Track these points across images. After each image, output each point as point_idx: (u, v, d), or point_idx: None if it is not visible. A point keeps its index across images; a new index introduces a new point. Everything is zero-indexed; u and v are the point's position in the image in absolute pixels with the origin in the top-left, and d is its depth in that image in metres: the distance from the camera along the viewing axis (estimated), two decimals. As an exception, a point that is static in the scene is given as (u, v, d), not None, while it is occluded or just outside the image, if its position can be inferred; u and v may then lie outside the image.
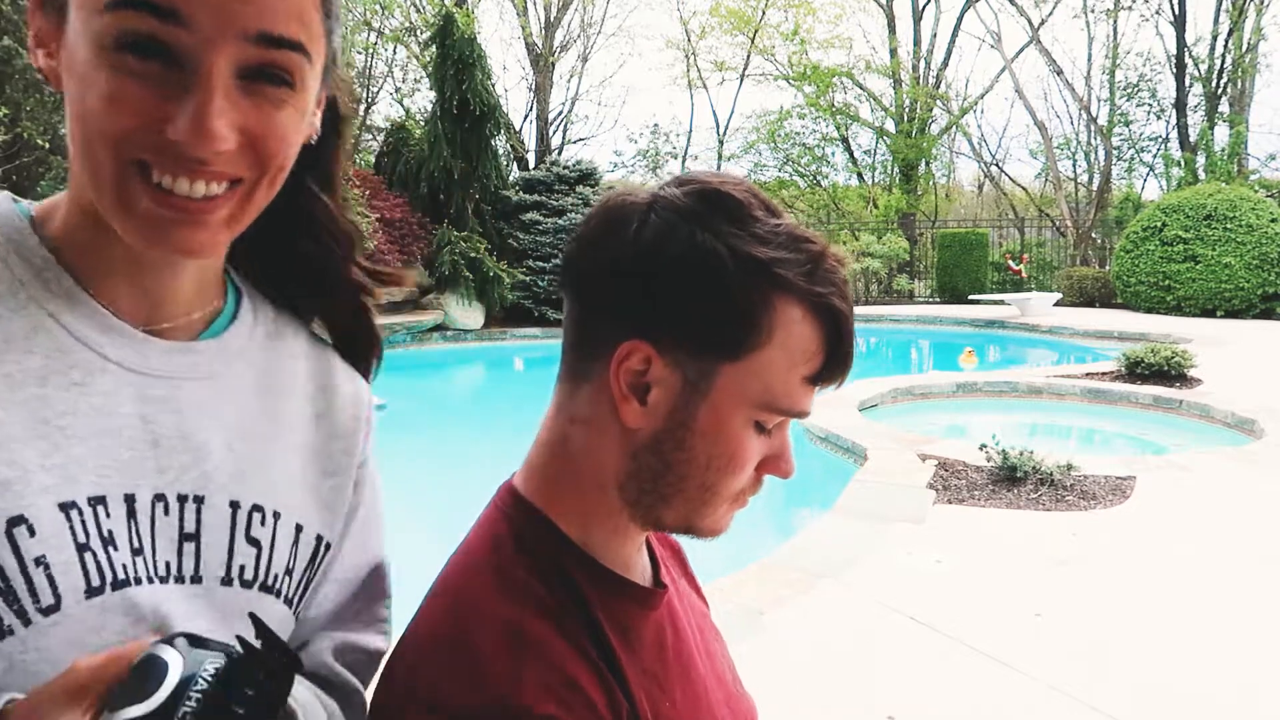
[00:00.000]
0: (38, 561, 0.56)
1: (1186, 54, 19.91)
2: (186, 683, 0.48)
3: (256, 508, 0.68)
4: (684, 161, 24.70)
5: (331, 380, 0.77)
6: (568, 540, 0.70)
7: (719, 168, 24.63)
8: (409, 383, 12.13)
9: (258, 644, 0.50)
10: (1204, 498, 5.15)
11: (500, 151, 15.93)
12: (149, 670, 0.48)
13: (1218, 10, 19.72)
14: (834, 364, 0.68)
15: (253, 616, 0.52)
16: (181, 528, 0.64)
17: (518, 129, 20.46)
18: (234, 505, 0.67)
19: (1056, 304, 15.14)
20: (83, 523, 0.58)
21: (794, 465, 0.71)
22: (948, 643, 3.40)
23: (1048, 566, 4.16)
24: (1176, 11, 19.66)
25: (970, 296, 16.58)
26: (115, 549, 0.60)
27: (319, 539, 0.74)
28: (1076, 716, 2.90)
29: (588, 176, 16.07)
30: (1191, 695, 3.04)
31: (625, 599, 0.71)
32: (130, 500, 0.62)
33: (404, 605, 0.72)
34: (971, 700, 3.03)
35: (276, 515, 0.70)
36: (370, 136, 19.67)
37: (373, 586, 0.81)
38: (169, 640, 0.50)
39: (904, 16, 24.49)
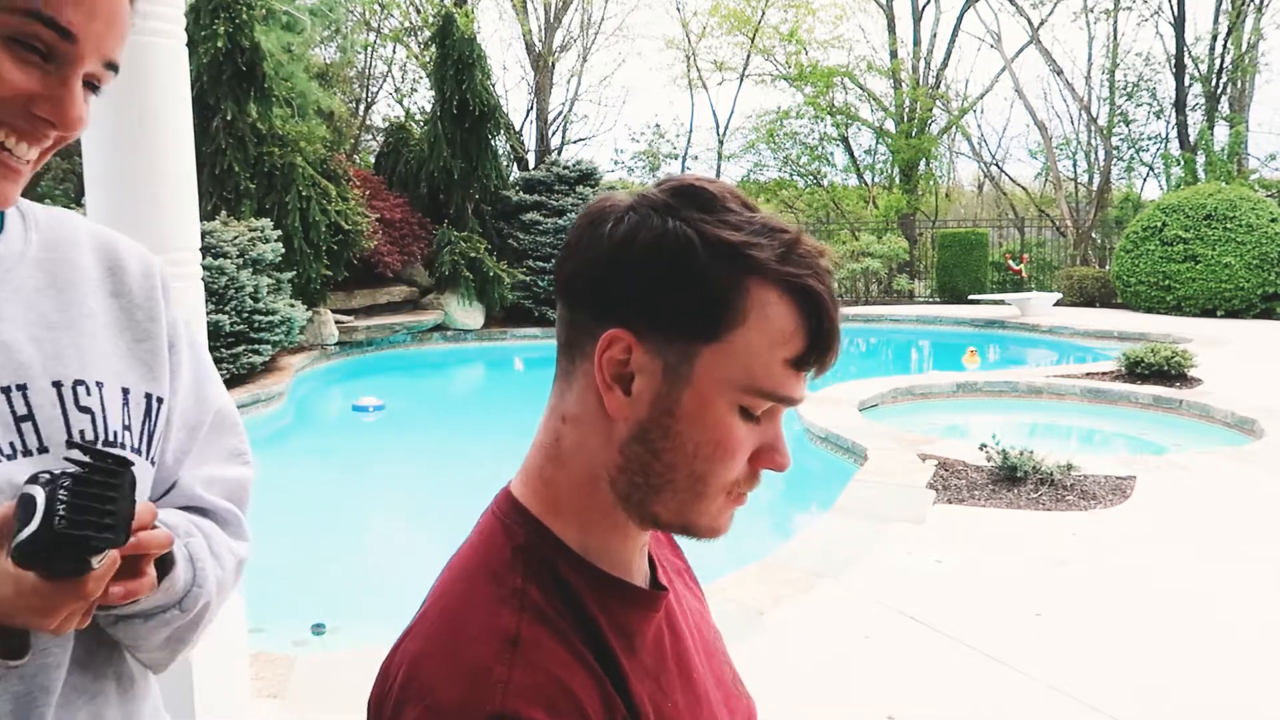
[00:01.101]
0: None
1: (1186, 54, 19.91)
2: (52, 497, 0.66)
3: (79, 382, 0.82)
4: (684, 161, 24.68)
5: (119, 261, 0.90)
6: (563, 545, 0.70)
7: (719, 168, 24.67)
8: (409, 383, 12.13)
9: (87, 457, 0.68)
10: (1204, 498, 5.15)
11: (500, 152, 15.92)
12: (25, 504, 0.67)
13: (1217, 10, 19.73)
14: (815, 346, 0.68)
15: (81, 440, 0.68)
16: (13, 412, 0.77)
17: (518, 129, 20.47)
18: (57, 384, 0.81)
19: (1056, 304, 15.12)
20: None
21: (789, 457, 0.71)
22: (948, 643, 3.40)
23: (1048, 566, 4.16)
24: (1176, 12, 19.66)
25: (970, 296, 16.56)
26: None
27: (148, 396, 0.88)
28: (1076, 716, 2.91)
29: (588, 176, 16.06)
30: (1191, 695, 3.05)
31: (624, 601, 0.71)
32: None
33: (404, 607, 0.72)
34: (971, 700, 3.03)
35: (100, 384, 0.83)
36: (370, 137, 19.67)
37: (221, 426, 0.96)
38: (31, 482, 0.68)
39: (904, 17, 24.49)
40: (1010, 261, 17.92)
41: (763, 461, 0.70)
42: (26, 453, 0.77)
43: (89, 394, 0.82)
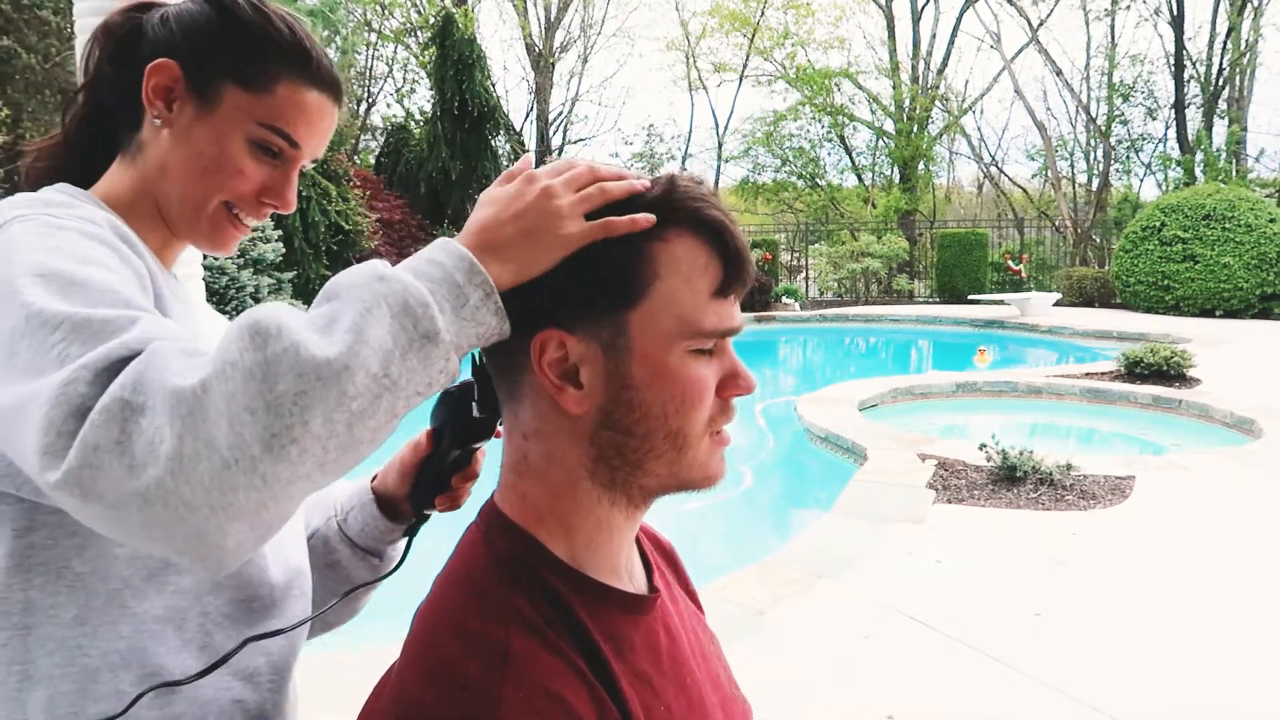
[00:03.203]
0: None
1: (1185, 54, 19.91)
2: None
3: None
4: (684, 162, 24.70)
5: None
6: (548, 553, 0.69)
7: (718, 169, 24.67)
8: (409, 383, 12.10)
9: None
10: (1203, 497, 5.15)
11: (500, 152, 15.94)
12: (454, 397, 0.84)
13: (1215, 11, 19.73)
14: (729, 269, 0.68)
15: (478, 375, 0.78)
16: None
17: (517, 129, 20.46)
18: None
19: (1056, 304, 15.12)
20: None
21: (753, 378, 0.71)
22: (948, 643, 3.41)
23: (1048, 566, 4.16)
24: (1175, 11, 19.67)
25: (970, 296, 16.57)
26: None
27: None
28: (1076, 716, 2.91)
29: (587, 177, 16.06)
30: (1191, 694, 3.05)
31: (612, 607, 0.70)
32: None
33: (404, 607, 0.72)
34: (971, 700, 3.03)
35: None
36: (370, 137, 19.68)
37: None
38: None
39: (903, 17, 24.52)
40: (1010, 262, 17.92)
41: (728, 391, 0.71)
42: None
43: None
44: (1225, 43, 19.58)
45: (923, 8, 24.26)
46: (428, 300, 0.62)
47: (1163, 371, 8.49)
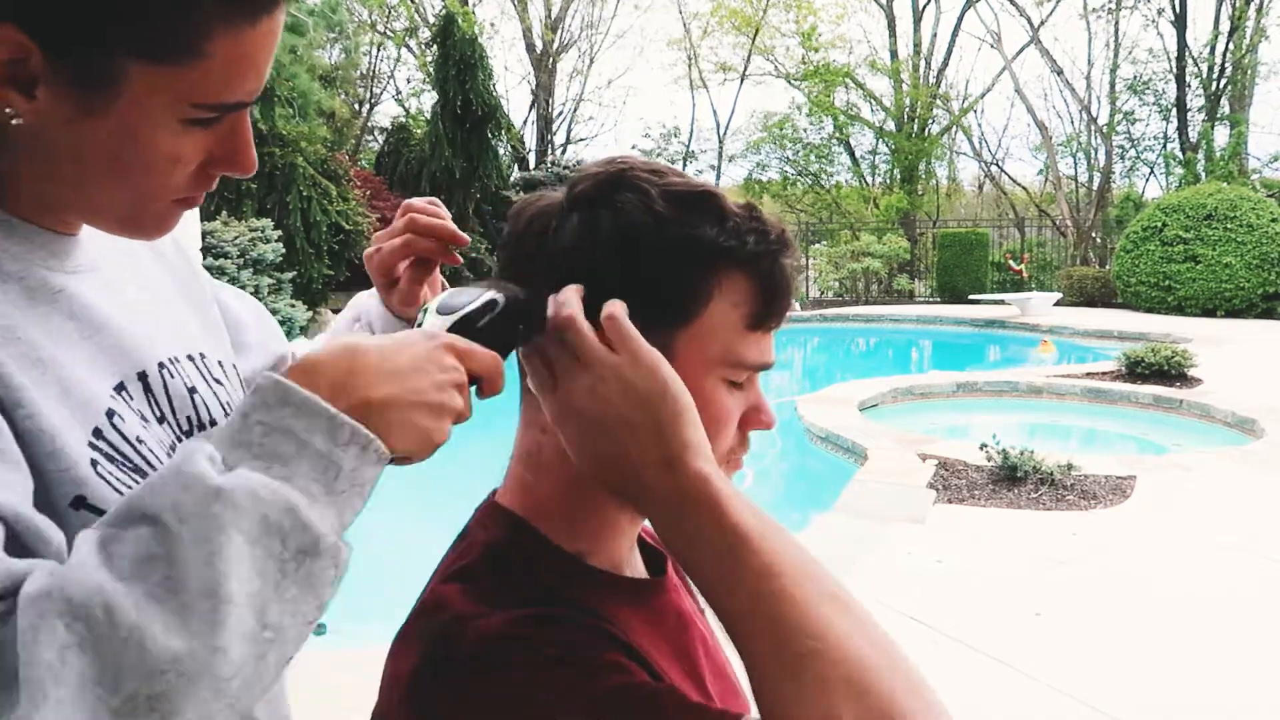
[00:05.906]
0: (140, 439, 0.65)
1: (1187, 54, 19.90)
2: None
3: (201, 355, 0.76)
4: (685, 162, 24.69)
5: None
6: (550, 543, 0.69)
7: (720, 168, 24.68)
8: (410, 383, 12.10)
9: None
10: (1205, 497, 5.15)
11: (501, 152, 15.95)
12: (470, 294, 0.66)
13: (1218, 10, 19.72)
14: (777, 304, 0.67)
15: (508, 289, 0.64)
16: (186, 385, 0.72)
17: (519, 129, 20.47)
18: (191, 359, 0.74)
19: (1057, 304, 15.12)
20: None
21: (774, 415, 0.71)
22: (948, 643, 3.41)
23: (1048, 566, 4.16)
24: (1177, 11, 19.65)
25: (970, 296, 16.57)
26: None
27: (234, 366, 0.82)
28: (1076, 716, 2.91)
29: (588, 176, 16.07)
30: (1192, 695, 3.05)
31: (616, 593, 0.70)
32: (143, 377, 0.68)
33: (405, 607, 0.73)
34: (971, 700, 3.03)
35: (203, 356, 0.77)
36: (372, 137, 19.70)
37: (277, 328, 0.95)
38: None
39: (904, 17, 24.52)
40: (1010, 261, 17.93)
41: (750, 424, 0.70)
42: (201, 426, 0.72)
43: (215, 366, 0.77)
44: (1228, 43, 19.57)
45: (924, 7, 24.27)
46: (291, 502, 0.48)
47: (1164, 371, 8.49)
